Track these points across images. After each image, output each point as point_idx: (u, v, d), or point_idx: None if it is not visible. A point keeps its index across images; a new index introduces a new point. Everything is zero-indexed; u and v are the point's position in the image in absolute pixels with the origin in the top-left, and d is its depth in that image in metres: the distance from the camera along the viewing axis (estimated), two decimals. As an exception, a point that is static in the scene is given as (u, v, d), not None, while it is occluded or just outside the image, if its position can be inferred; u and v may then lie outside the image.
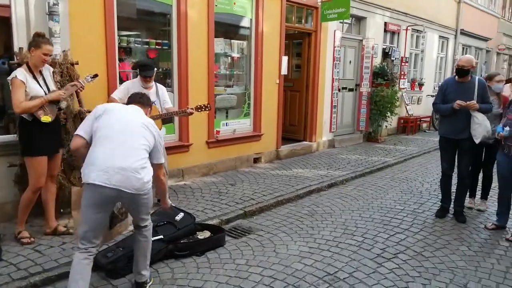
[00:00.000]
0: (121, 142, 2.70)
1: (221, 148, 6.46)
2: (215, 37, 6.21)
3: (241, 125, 6.91)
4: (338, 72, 8.80)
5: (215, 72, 6.32)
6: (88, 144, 2.76)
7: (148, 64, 4.61)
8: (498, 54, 19.61)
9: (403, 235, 4.34)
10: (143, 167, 2.73)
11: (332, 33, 8.40)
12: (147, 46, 5.67)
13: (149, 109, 3.25)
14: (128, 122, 2.80)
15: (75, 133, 2.82)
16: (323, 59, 8.31)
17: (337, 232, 4.41)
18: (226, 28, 6.73)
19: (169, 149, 5.30)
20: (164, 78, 5.91)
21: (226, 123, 6.70)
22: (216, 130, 6.38)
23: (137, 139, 2.77)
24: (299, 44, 8.55)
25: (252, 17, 6.77)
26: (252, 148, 7.03)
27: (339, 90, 9.00)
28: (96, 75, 4.01)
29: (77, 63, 4.29)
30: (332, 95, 8.74)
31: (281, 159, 7.56)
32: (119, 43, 5.13)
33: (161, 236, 3.70)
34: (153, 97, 4.45)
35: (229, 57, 6.87)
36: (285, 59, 7.33)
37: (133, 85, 4.50)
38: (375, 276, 3.42)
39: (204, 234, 4.02)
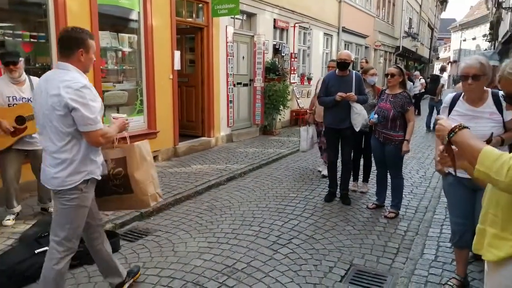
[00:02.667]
0: None
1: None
2: (100, 30, 5.84)
3: (134, 122, 6.61)
4: (232, 67, 8.93)
5: (101, 67, 5.95)
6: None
7: (11, 51, 4.12)
8: (375, 50, 21.73)
9: (296, 221, 4.59)
10: None
11: (224, 29, 8.48)
12: (21, 39, 5.10)
13: None
14: None
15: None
16: (216, 54, 8.35)
17: (235, 224, 4.50)
18: (113, 21, 6.37)
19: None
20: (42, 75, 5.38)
21: (118, 121, 6.35)
22: (107, 129, 6.01)
23: None
24: (192, 39, 8.48)
25: (140, 10, 6.51)
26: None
27: (234, 85, 9.15)
28: None
29: None
30: (227, 90, 8.85)
31: (180, 156, 7.45)
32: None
33: (46, 248, 3.38)
34: (27, 94, 4.02)
35: (118, 52, 6.52)
36: (177, 53, 7.20)
37: (1, 82, 4.00)
38: (271, 263, 3.57)
39: (95, 241, 3.77)
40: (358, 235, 4.26)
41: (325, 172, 6.28)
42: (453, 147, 1.62)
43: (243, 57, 9.66)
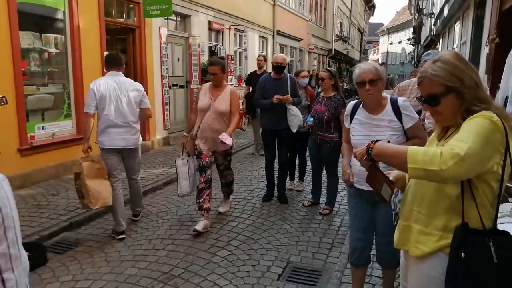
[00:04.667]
0: None
1: (38, 155, 5.72)
2: (21, 30, 5.45)
3: (62, 127, 6.25)
4: (167, 69, 8.75)
5: (23, 69, 5.55)
6: None
7: None
8: (309, 52, 22.45)
9: (235, 222, 4.60)
10: None
11: (157, 30, 8.29)
12: None
13: None
14: None
15: None
16: (150, 55, 8.14)
17: (172, 229, 4.40)
18: (36, 21, 5.97)
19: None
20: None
21: (43, 126, 5.97)
22: (30, 135, 5.62)
23: None
24: (124, 40, 8.18)
25: (65, 9, 6.16)
26: (78, 153, 6.39)
27: (169, 87, 8.97)
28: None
29: None
30: (163, 92, 8.66)
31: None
32: None
33: None
34: None
35: (42, 53, 6.12)
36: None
37: None
38: (209, 266, 3.54)
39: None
40: (294, 232, 4.36)
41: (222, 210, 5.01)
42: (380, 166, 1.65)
43: (179, 59, 9.52)
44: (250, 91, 7.95)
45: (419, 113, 3.10)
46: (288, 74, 5.36)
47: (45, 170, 5.83)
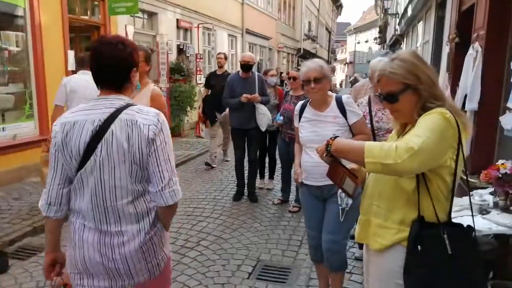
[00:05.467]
0: None
1: (-2, 157, 5.50)
2: (-23, 27, 5.22)
3: (24, 129, 6.02)
4: (134, 68, 8.57)
5: (-19, 68, 5.32)
6: None
7: None
8: (278, 51, 22.59)
9: (205, 223, 4.58)
10: None
11: (123, 28, 8.12)
12: None
13: None
14: None
15: None
16: (116, 54, 7.95)
17: None
18: (-7, 17, 5.73)
19: None
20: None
21: (3, 128, 5.73)
22: (-10, 138, 5.40)
23: None
24: (89, 38, 7.98)
25: (25, 6, 5.93)
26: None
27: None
28: None
29: None
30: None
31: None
32: None
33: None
34: None
35: (2, 51, 5.87)
36: (71, 53, 6.70)
37: None
38: (179, 268, 3.51)
39: (-22, 263, 3.36)
40: (264, 231, 4.39)
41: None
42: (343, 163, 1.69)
43: (146, 58, 9.34)
44: (209, 93, 6.82)
45: None
46: (257, 73, 5.37)
47: (6, 174, 5.59)
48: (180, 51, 10.80)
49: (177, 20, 10.42)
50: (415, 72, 1.59)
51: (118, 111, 1.57)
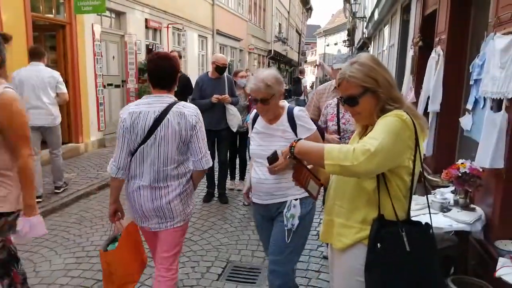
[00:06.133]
0: None
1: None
2: None
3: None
4: (101, 67, 8.40)
5: None
6: None
7: None
8: (249, 53, 22.65)
9: (174, 225, 4.52)
10: None
11: (90, 27, 7.92)
12: None
13: None
14: None
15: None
16: (82, 53, 7.77)
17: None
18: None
19: None
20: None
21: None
22: None
23: None
24: (54, 37, 7.73)
25: (-16, 2, 5.71)
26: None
27: (104, 86, 8.62)
28: None
29: None
30: (97, 92, 8.30)
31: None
32: None
33: None
34: None
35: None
36: (35, 53, 6.49)
37: None
38: (147, 271, 3.39)
39: None
40: (234, 232, 4.39)
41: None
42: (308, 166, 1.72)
43: (114, 57, 9.17)
44: None
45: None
46: (226, 74, 5.37)
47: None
48: (150, 51, 10.64)
49: (146, 20, 10.27)
50: (373, 75, 1.64)
51: (171, 106, 2.29)
